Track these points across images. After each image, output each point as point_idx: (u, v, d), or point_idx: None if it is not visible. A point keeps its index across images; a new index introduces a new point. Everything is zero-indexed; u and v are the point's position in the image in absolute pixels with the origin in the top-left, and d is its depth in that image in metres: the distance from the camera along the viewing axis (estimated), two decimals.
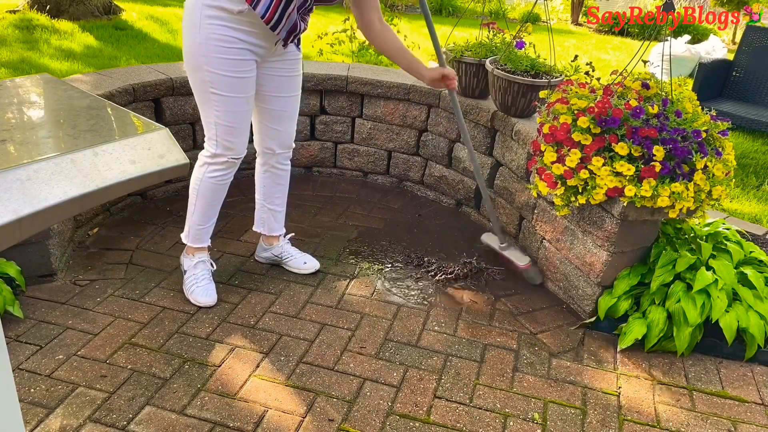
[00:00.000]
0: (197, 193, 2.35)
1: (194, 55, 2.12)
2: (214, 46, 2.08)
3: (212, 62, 2.10)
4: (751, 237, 2.87)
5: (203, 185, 2.33)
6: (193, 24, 2.09)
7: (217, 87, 2.14)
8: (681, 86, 2.43)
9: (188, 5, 2.12)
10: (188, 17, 2.11)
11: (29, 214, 0.69)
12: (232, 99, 2.17)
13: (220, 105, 2.17)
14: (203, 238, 2.45)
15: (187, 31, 2.12)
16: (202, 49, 2.09)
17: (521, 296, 2.66)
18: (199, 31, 2.08)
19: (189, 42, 2.12)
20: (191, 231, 2.43)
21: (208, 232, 2.45)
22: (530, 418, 2.00)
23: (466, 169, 3.25)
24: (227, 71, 2.12)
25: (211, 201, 2.36)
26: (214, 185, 2.32)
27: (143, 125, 0.89)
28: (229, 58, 2.11)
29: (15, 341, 2.16)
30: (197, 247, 2.46)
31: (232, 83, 2.15)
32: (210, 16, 2.06)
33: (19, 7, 6.46)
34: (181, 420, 1.89)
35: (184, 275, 2.48)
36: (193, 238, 2.44)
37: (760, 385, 2.22)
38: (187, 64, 2.17)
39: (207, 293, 2.42)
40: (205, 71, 2.12)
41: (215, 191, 2.35)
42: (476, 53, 3.06)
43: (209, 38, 2.07)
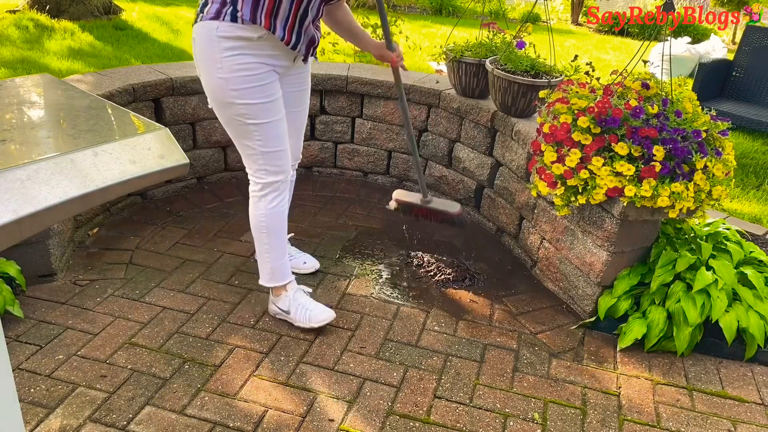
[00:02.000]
0: (266, 229, 2.22)
1: (222, 91, 2.00)
2: (242, 77, 1.97)
3: (244, 94, 1.99)
4: (751, 237, 2.87)
5: (269, 219, 2.21)
6: (211, 59, 1.97)
7: (254, 117, 2.04)
8: (681, 86, 2.43)
9: (199, 40, 1.99)
10: (203, 53, 1.98)
11: (29, 214, 0.69)
12: (272, 123, 2.07)
13: (262, 133, 2.07)
14: (288, 270, 2.33)
15: (207, 67, 1.99)
16: (230, 84, 1.98)
17: (521, 296, 2.66)
18: (221, 66, 1.96)
19: (211, 79, 2.00)
20: (275, 271, 2.29)
21: (288, 263, 2.34)
22: (530, 418, 2.00)
23: (466, 169, 3.26)
24: (261, 98, 2.02)
25: (281, 231, 2.25)
26: (278, 212, 2.21)
27: (143, 125, 0.89)
28: (259, 84, 2.01)
29: (15, 341, 2.16)
30: (285, 282, 2.33)
31: (269, 108, 2.05)
32: (229, 48, 1.94)
33: (19, 7, 6.46)
34: (181, 420, 1.89)
35: (288, 317, 2.33)
36: (279, 277, 2.31)
37: (760, 385, 2.22)
38: (214, 102, 2.06)
39: (323, 310, 2.31)
40: (238, 105, 2.01)
41: (281, 218, 2.24)
42: (476, 53, 3.06)
43: (234, 70, 1.96)
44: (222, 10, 1.93)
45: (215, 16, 1.94)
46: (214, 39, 1.94)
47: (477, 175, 3.20)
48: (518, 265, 2.90)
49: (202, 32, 1.97)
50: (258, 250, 2.29)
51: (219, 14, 1.93)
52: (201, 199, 3.30)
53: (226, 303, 2.45)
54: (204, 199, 3.30)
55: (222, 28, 1.93)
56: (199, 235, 2.93)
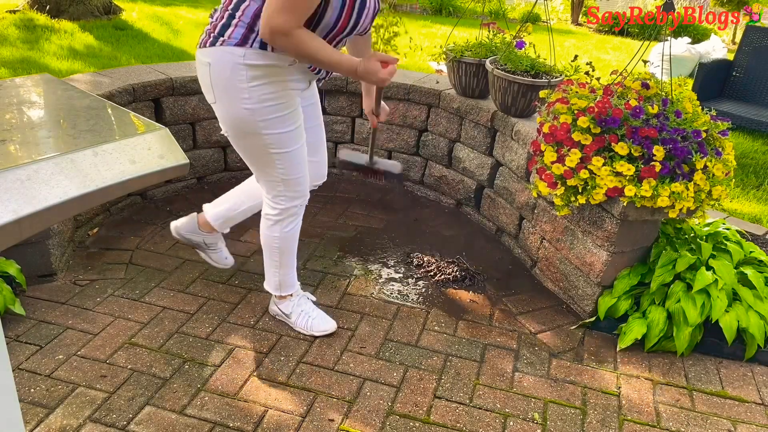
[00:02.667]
0: (280, 251, 2.20)
1: (247, 122, 1.90)
2: (270, 107, 1.89)
3: (272, 124, 1.91)
4: (751, 237, 2.87)
5: (284, 242, 2.18)
6: (234, 88, 1.85)
7: (279, 146, 1.97)
8: (681, 86, 2.43)
9: (219, 67, 1.85)
10: (223, 81, 1.86)
11: (29, 214, 0.69)
12: (295, 151, 2.01)
13: (284, 161, 2.00)
14: (294, 281, 2.33)
15: (228, 96, 1.88)
16: (258, 115, 1.88)
17: (521, 296, 2.66)
18: (247, 97, 1.85)
19: (234, 109, 1.89)
20: (282, 282, 2.29)
21: (295, 275, 2.33)
22: (530, 418, 2.00)
23: (466, 169, 3.25)
24: (288, 127, 1.96)
25: (293, 249, 2.24)
26: (293, 234, 2.20)
27: (143, 125, 0.89)
28: (285, 113, 1.93)
29: (15, 341, 2.16)
30: (291, 292, 2.34)
31: (293, 136, 1.99)
32: (257, 77, 1.84)
33: (19, 7, 6.46)
34: (181, 420, 1.89)
35: (288, 321, 2.33)
36: (286, 287, 2.31)
37: (760, 385, 2.22)
38: (234, 132, 1.96)
39: (326, 320, 2.32)
40: (263, 136, 1.93)
41: (295, 239, 2.22)
42: (476, 53, 3.06)
43: (263, 101, 1.87)
44: (249, 37, 1.81)
45: (241, 42, 1.81)
46: (239, 67, 1.82)
47: (477, 175, 3.20)
48: (518, 265, 2.89)
49: (223, 59, 1.83)
50: (267, 263, 2.27)
51: (246, 40, 1.81)
52: (201, 199, 3.30)
53: (226, 303, 2.45)
54: (204, 199, 3.29)
55: (249, 55, 1.81)
56: None
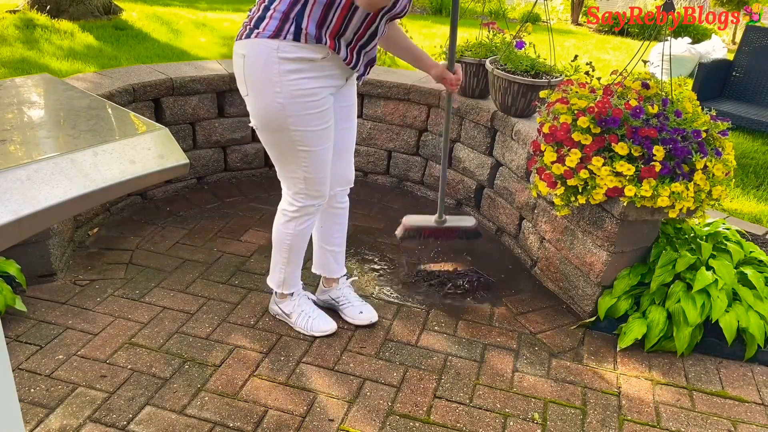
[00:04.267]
0: (289, 247, 2.19)
1: (277, 116, 1.89)
2: (302, 103, 1.87)
3: (301, 121, 1.90)
4: (751, 237, 2.87)
5: (296, 239, 2.17)
6: (268, 81, 1.83)
7: (306, 144, 1.95)
8: (681, 86, 2.43)
9: (254, 59, 1.84)
10: (258, 73, 1.84)
11: (29, 214, 0.69)
12: (321, 150, 1.99)
13: (310, 160, 1.99)
14: (297, 281, 2.33)
15: (261, 89, 1.86)
16: (288, 110, 1.87)
17: (521, 296, 2.66)
18: (280, 90, 1.84)
19: (266, 103, 1.87)
20: (286, 279, 2.29)
21: (299, 275, 2.33)
22: (530, 418, 2.00)
23: (467, 169, 3.26)
24: (318, 125, 1.94)
25: (302, 248, 2.23)
26: (304, 235, 2.19)
27: (143, 125, 0.89)
28: (317, 111, 1.91)
29: (15, 341, 2.16)
30: (292, 291, 2.34)
31: (323, 135, 1.97)
32: (291, 71, 1.82)
33: (19, 7, 6.46)
34: (181, 420, 1.89)
35: (289, 320, 2.33)
36: (288, 286, 2.31)
37: (760, 385, 2.22)
38: (264, 126, 1.94)
39: (326, 321, 2.31)
40: (292, 131, 1.91)
41: (305, 239, 2.21)
42: (476, 53, 3.06)
43: (295, 96, 1.85)
44: (284, 28, 1.79)
45: (275, 34, 1.79)
46: (273, 60, 1.80)
47: (477, 175, 3.20)
48: (518, 265, 2.89)
49: (258, 51, 1.82)
50: (275, 259, 2.27)
51: (280, 32, 1.79)
52: (201, 199, 3.30)
53: (226, 303, 2.45)
54: (204, 199, 3.30)
55: (283, 48, 1.79)
56: (199, 235, 2.93)
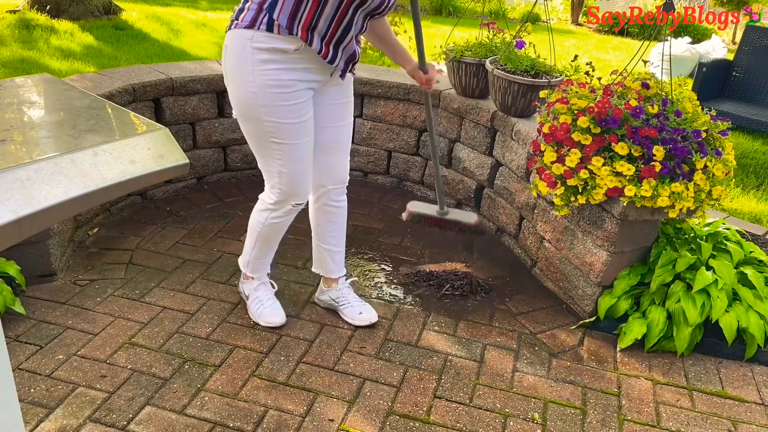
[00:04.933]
0: (258, 234, 2.24)
1: (250, 105, 1.92)
2: (274, 93, 1.89)
3: (273, 111, 1.92)
4: (751, 237, 2.87)
5: (265, 229, 2.21)
6: (242, 71, 1.88)
7: (279, 136, 1.96)
8: (681, 86, 2.43)
9: (232, 48, 1.89)
10: (235, 62, 1.89)
11: (29, 214, 0.69)
12: (296, 145, 2.00)
13: (284, 153, 2.00)
14: (264, 268, 2.37)
15: (236, 78, 1.91)
16: (260, 99, 1.89)
17: (521, 296, 2.66)
18: (252, 79, 1.87)
19: (241, 91, 1.92)
20: (250, 263, 2.35)
21: (268, 263, 2.37)
22: (530, 418, 2.00)
23: (466, 169, 3.26)
24: (289, 118, 1.94)
25: (273, 241, 2.28)
26: (277, 228, 2.22)
27: (143, 125, 0.89)
28: (290, 104, 1.92)
29: (15, 341, 2.16)
30: (255, 275, 2.38)
31: (295, 129, 1.97)
32: (264, 60, 1.85)
33: (19, 7, 6.46)
34: (181, 420, 1.89)
35: (246, 302, 2.39)
36: (252, 269, 2.36)
37: (760, 385, 2.22)
38: (240, 114, 1.98)
39: (275, 312, 2.33)
40: (264, 122, 1.94)
41: (277, 233, 2.25)
42: (476, 53, 3.06)
43: (266, 86, 1.88)
44: (258, 18, 1.83)
45: (250, 25, 1.84)
46: (247, 49, 1.85)
47: (477, 175, 3.20)
48: (518, 265, 2.89)
49: (236, 41, 1.88)
50: (247, 241, 2.34)
51: (254, 22, 1.84)
52: (201, 199, 3.30)
53: (226, 303, 2.45)
54: (204, 199, 3.30)
55: (257, 38, 1.84)
56: (199, 235, 2.93)
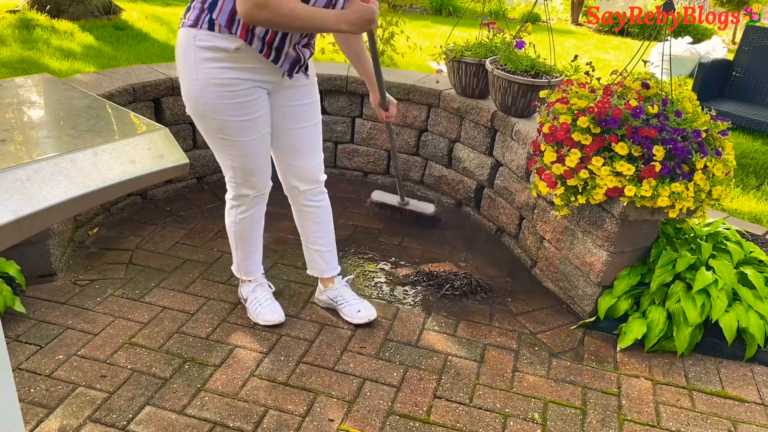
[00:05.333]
0: (234, 235, 2.27)
1: (196, 102, 1.92)
2: (217, 91, 1.88)
3: (218, 109, 1.91)
4: (751, 237, 2.87)
5: (238, 227, 2.24)
6: (188, 68, 1.88)
7: (227, 133, 1.96)
8: (681, 86, 2.43)
9: (179, 46, 1.90)
10: (181, 60, 1.90)
11: (29, 214, 0.69)
12: (246, 142, 1.99)
13: (234, 150, 2.01)
14: (254, 269, 2.38)
15: (184, 75, 1.91)
16: (204, 97, 1.89)
17: (521, 296, 2.66)
18: (197, 77, 1.87)
19: (188, 88, 1.92)
20: (240, 267, 2.37)
21: (257, 263, 2.38)
22: (530, 418, 2.00)
23: (466, 169, 3.26)
24: (234, 116, 1.93)
25: (251, 238, 2.28)
26: (247, 224, 2.23)
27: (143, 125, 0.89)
28: (235, 102, 1.91)
29: (15, 341, 2.16)
30: (248, 278, 2.40)
31: (243, 127, 1.96)
32: (206, 59, 1.85)
33: (19, 7, 6.46)
34: (181, 420, 1.89)
35: (245, 304, 2.40)
36: (244, 272, 2.38)
37: (760, 385, 2.22)
38: (189, 110, 1.98)
39: (273, 311, 2.34)
40: (211, 119, 1.94)
41: (252, 228, 2.26)
42: (476, 53, 3.06)
43: (209, 84, 1.87)
44: (201, 17, 1.84)
45: (194, 23, 1.85)
46: (191, 47, 1.85)
47: (477, 175, 3.20)
48: (518, 265, 2.89)
49: (182, 39, 1.89)
50: (231, 247, 2.36)
51: (197, 21, 1.84)
52: (201, 199, 3.30)
53: (226, 303, 2.45)
54: (204, 199, 3.30)
55: (199, 36, 1.84)
56: (199, 235, 2.93)
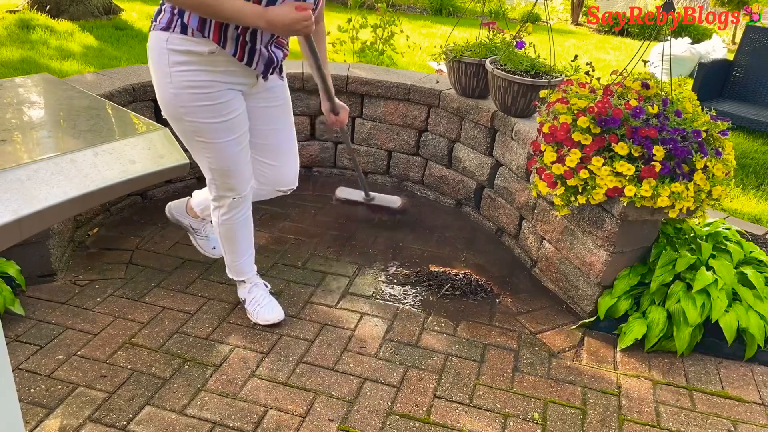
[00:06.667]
0: (222, 237, 2.26)
1: (171, 105, 1.91)
2: (192, 94, 1.87)
3: (192, 112, 1.90)
4: (751, 237, 2.87)
5: (222, 228, 2.23)
6: (161, 72, 1.87)
7: (202, 135, 1.95)
8: (681, 86, 2.43)
9: (152, 49, 1.88)
10: (154, 63, 1.88)
11: (29, 214, 0.70)
12: (222, 144, 1.98)
13: (211, 152, 1.99)
14: (245, 269, 2.37)
15: (157, 79, 1.89)
16: (178, 100, 1.88)
17: (521, 296, 2.66)
18: (170, 80, 1.86)
19: (161, 92, 1.91)
20: (231, 267, 2.37)
21: (248, 264, 2.37)
22: (530, 418, 2.00)
23: (466, 169, 3.26)
24: (210, 118, 1.92)
25: (237, 239, 2.27)
26: (232, 225, 2.22)
27: (143, 125, 0.89)
28: (209, 104, 1.90)
29: (15, 341, 2.16)
30: (242, 278, 2.40)
31: (219, 129, 1.95)
32: (179, 62, 1.84)
33: (19, 7, 6.47)
34: (181, 420, 1.89)
35: (245, 305, 2.39)
36: (236, 273, 2.38)
37: (760, 385, 2.22)
38: (165, 113, 1.95)
39: (272, 309, 2.34)
40: (185, 122, 1.92)
41: (237, 230, 2.24)
42: (476, 53, 3.05)
43: (183, 87, 1.86)
44: (172, 21, 1.83)
45: (166, 27, 1.84)
46: (164, 51, 1.84)
47: (477, 175, 3.20)
48: (518, 265, 2.89)
49: (153, 42, 1.87)
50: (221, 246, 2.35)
51: (169, 25, 1.83)
52: None
53: (226, 303, 2.45)
54: None
55: (172, 40, 1.83)
56: None
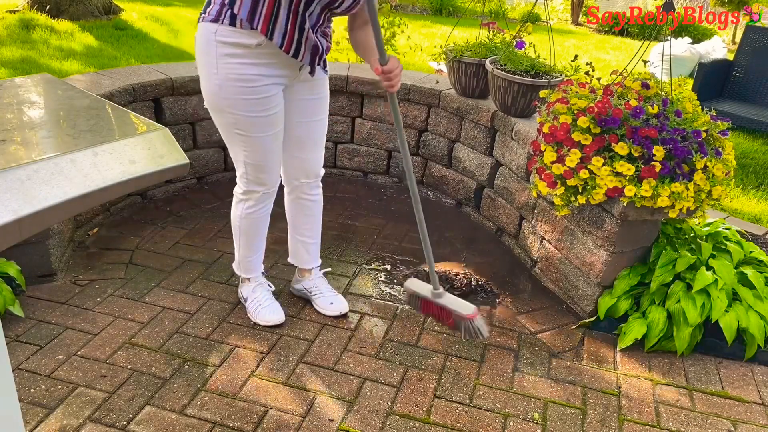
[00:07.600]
0: (239, 230, 2.27)
1: (215, 97, 1.96)
2: (236, 87, 1.92)
3: (236, 104, 1.95)
4: (751, 237, 2.87)
5: (244, 222, 2.24)
6: (208, 63, 1.92)
7: (243, 128, 2.00)
8: (681, 86, 2.43)
9: (200, 41, 1.93)
10: (202, 55, 1.93)
11: (29, 214, 0.69)
12: (261, 138, 2.03)
13: (248, 145, 2.04)
14: (254, 267, 2.39)
15: (204, 70, 1.95)
16: (223, 92, 1.93)
17: (521, 296, 2.65)
18: (216, 72, 1.91)
19: (207, 83, 1.96)
20: (241, 263, 2.37)
21: (258, 261, 2.38)
22: (530, 418, 2.00)
23: (466, 169, 3.26)
24: (253, 112, 1.97)
25: (254, 234, 2.29)
26: (254, 220, 2.24)
27: (143, 125, 0.89)
28: (253, 98, 1.95)
29: (15, 341, 2.16)
30: (249, 276, 2.40)
31: (260, 123, 2.00)
32: (227, 54, 1.89)
33: (19, 7, 6.47)
34: (181, 420, 1.89)
35: (245, 305, 2.40)
36: (244, 270, 2.38)
37: (760, 385, 2.22)
38: (208, 104, 2.02)
39: (273, 311, 2.34)
40: (228, 114, 1.98)
41: (257, 225, 2.27)
42: (476, 53, 3.06)
43: (229, 79, 1.91)
44: (222, 12, 1.87)
45: (215, 19, 1.88)
46: (212, 42, 1.89)
47: (477, 175, 3.20)
48: (518, 265, 2.89)
49: (202, 34, 1.92)
50: (234, 242, 2.35)
51: (219, 16, 1.87)
52: (201, 199, 3.30)
53: (226, 303, 2.45)
54: (204, 199, 3.30)
55: (221, 32, 1.87)
56: (199, 235, 2.93)
